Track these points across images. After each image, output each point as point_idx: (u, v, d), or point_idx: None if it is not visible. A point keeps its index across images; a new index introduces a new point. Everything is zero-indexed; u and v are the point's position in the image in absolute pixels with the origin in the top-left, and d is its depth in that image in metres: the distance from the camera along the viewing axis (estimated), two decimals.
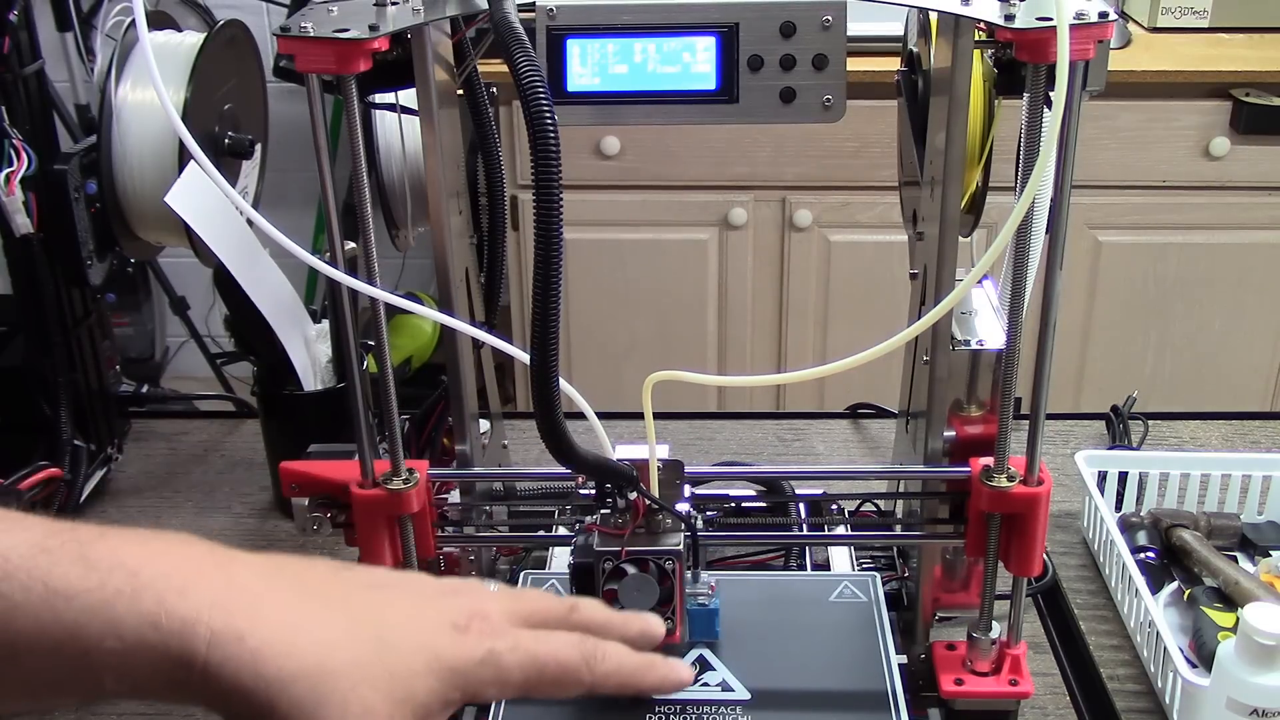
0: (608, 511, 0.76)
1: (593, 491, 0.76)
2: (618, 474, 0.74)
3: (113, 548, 0.51)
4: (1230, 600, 0.93)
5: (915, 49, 0.85)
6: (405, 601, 0.58)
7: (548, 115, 0.59)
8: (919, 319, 0.70)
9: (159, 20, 1.09)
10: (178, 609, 0.49)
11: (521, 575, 0.92)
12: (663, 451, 0.76)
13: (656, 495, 0.75)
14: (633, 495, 0.75)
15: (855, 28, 0.69)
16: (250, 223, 1.01)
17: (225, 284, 1.03)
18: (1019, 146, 0.68)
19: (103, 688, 0.50)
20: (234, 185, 1.05)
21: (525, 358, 0.65)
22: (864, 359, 0.68)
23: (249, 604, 0.51)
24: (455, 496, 0.86)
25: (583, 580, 0.76)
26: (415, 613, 0.57)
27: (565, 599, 0.63)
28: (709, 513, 0.82)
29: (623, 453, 0.76)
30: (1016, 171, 0.68)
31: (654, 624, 0.65)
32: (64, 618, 0.48)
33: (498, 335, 0.79)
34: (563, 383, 0.65)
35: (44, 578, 0.48)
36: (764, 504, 0.98)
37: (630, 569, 0.75)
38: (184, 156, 0.98)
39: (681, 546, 0.76)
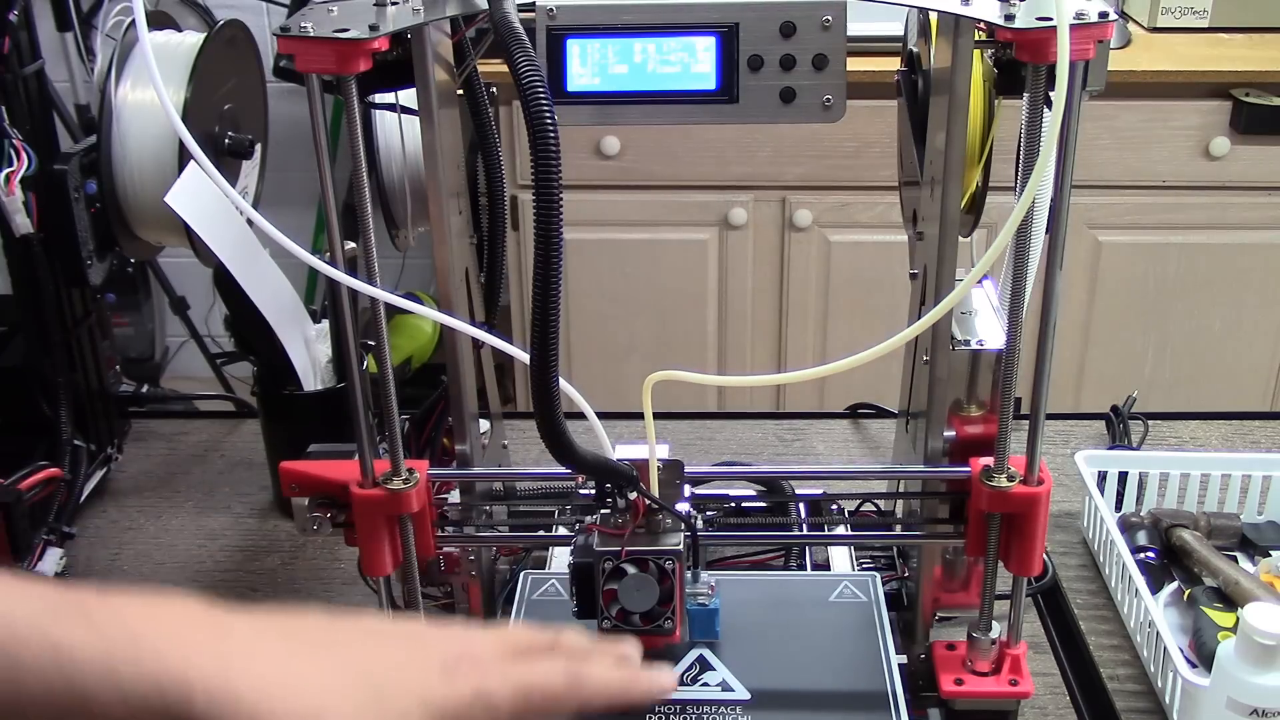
0: (608, 511, 0.76)
1: (593, 491, 0.76)
2: (618, 474, 0.74)
3: (115, 609, 0.53)
4: (1230, 600, 0.93)
5: (915, 49, 0.85)
6: (396, 648, 0.60)
7: (548, 115, 0.59)
8: (919, 319, 0.70)
9: (159, 20, 1.09)
10: (177, 669, 0.51)
11: (521, 575, 0.92)
12: (663, 451, 0.76)
13: (656, 495, 0.75)
14: (633, 495, 0.75)
15: (855, 28, 0.69)
16: (250, 223, 1.01)
17: (225, 284, 1.03)
18: (1019, 146, 0.68)
19: None
20: (234, 185, 1.05)
21: (525, 358, 0.65)
22: (864, 359, 0.68)
23: (244, 661, 0.53)
24: (455, 496, 0.86)
25: (583, 580, 0.76)
26: (406, 658, 0.59)
27: (548, 632, 0.66)
28: (709, 513, 0.82)
29: (623, 453, 0.76)
30: (1016, 171, 0.68)
31: (632, 649, 0.67)
32: (72, 679, 0.50)
33: (498, 335, 0.79)
34: (563, 382, 0.65)
35: (52, 640, 0.50)
36: (764, 504, 0.98)
37: (630, 569, 0.75)
38: (184, 156, 0.98)
39: (681, 546, 0.76)
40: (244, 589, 1.03)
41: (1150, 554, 0.99)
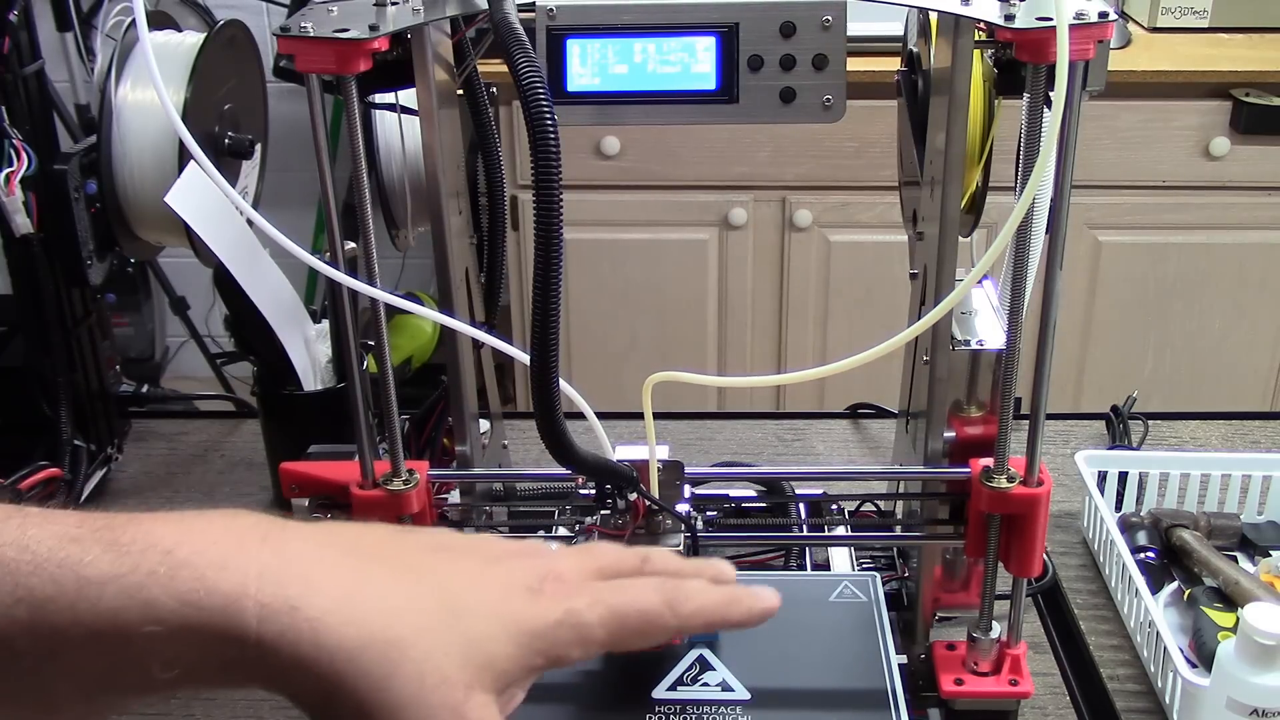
0: (608, 512, 0.76)
1: (592, 492, 0.76)
2: (618, 475, 0.74)
3: (146, 530, 0.47)
4: (1230, 600, 0.93)
5: (915, 49, 0.85)
6: (472, 565, 0.54)
7: (548, 115, 0.59)
8: (919, 319, 0.70)
9: (159, 20, 1.09)
10: (219, 584, 0.46)
11: None
12: (663, 452, 0.76)
13: (656, 496, 0.75)
14: (633, 496, 0.75)
15: (855, 28, 0.69)
16: (250, 223, 1.01)
17: (225, 284, 1.03)
18: (1019, 146, 0.68)
19: (155, 679, 0.47)
20: (234, 185, 1.05)
21: (525, 358, 0.65)
22: (864, 359, 0.68)
23: (301, 572, 0.48)
24: (455, 497, 0.86)
25: None
26: (484, 576, 0.54)
27: (637, 549, 0.61)
28: (709, 513, 0.82)
29: (623, 453, 0.76)
30: (1016, 171, 0.68)
31: (726, 569, 0.61)
32: (99, 607, 0.45)
33: (497, 335, 0.79)
34: (563, 383, 0.65)
35: (74, 567, 0.45)
36: (764, 504, 0.98)
37: None
38: (184, 156, 0.98)
39: (682, 547, 0.75)
40: None
41: (1150, 554, 0.99)
